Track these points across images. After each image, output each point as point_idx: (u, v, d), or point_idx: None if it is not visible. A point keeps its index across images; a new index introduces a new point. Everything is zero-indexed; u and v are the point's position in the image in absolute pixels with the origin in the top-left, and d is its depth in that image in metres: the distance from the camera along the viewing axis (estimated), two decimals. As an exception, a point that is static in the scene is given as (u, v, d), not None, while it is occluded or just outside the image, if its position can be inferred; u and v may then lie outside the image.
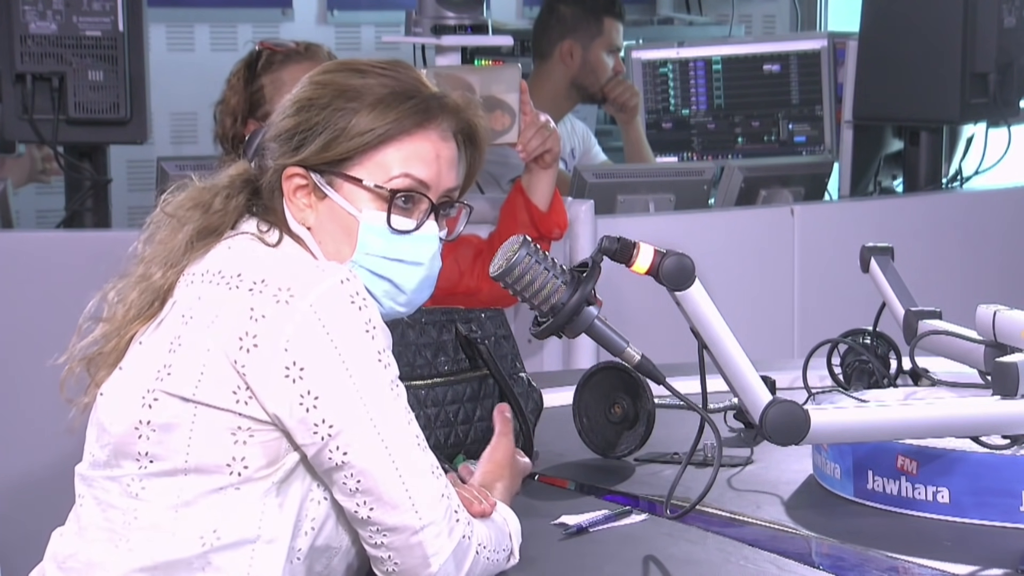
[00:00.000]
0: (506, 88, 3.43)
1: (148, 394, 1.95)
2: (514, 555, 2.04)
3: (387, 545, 1.93)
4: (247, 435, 1.92)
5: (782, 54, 4.96)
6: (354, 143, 2.02)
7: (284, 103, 2.08)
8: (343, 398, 1.90)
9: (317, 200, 2.04)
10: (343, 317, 1.90)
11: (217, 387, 1.91)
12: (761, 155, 4.91)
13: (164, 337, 1.97)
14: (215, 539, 1.92)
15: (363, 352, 1.91)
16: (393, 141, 2.03)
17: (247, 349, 1.90)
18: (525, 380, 2.55)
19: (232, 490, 1.93)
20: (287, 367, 1.89)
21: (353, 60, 2.12)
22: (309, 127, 2.03)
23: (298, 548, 1.96)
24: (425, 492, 1.92)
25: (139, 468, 1.95)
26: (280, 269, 1.95)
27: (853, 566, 2.04)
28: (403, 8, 4.20)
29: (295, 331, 1.89)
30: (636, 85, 4.94)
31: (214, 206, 2.04)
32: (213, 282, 1.96)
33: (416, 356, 2.43)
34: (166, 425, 1.93)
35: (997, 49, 4.53)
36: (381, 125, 2.02)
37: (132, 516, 1.96)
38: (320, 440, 1.90)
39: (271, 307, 1.90)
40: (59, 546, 2.03)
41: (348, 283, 1.92)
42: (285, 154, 2.04)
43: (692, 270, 2.06)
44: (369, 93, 2.03)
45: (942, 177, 4.77)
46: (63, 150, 4.02)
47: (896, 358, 2.75)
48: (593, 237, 3.79)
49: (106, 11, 3.92)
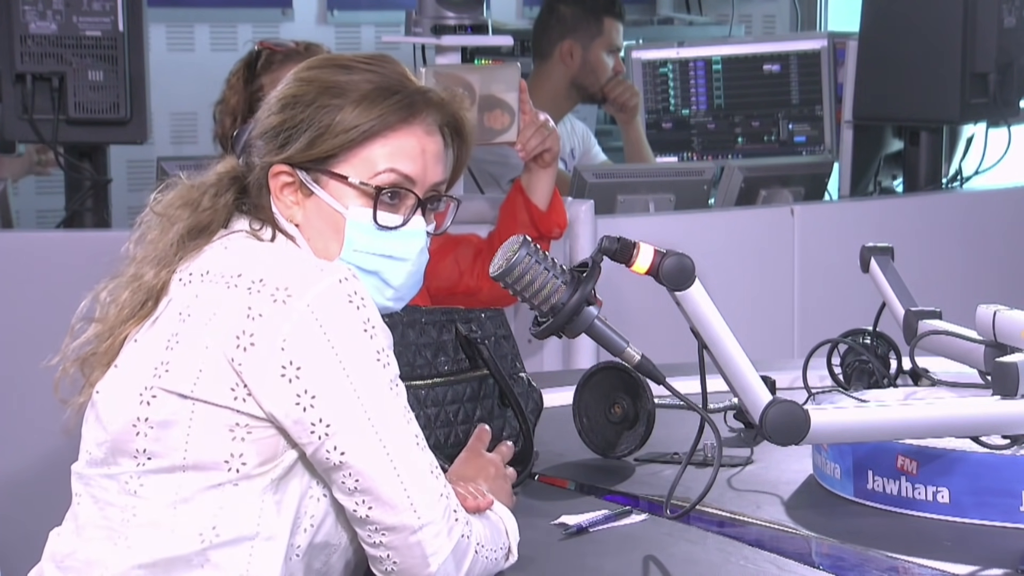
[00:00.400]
0: (505, 87, 3.43)
1: (146, 391, 1.94)
2: (512, 553, 2.03)
3: (386, 544, 1.93)
4: (245, 432, 1.92)
5: (782, 54, 4.96)
6: (339, 140, 2.02)
7: (270, 100, 2.08)
8: (340, 398, 1.90)
9: (304, 197, 2.04)
10: (340, 317, 1.90)
11: (215, 384, 1.91)
12: (761, 155, 4.90)
13: (161, 335, 1.96)
14: (214, 536, 1.92)
15: (361, 351, 1.90)
16: (378, 137, 2.03)
17: (244, 348, 1.90)
18: (525, 380, 2.55)
19: (230, 486, 1.93)
20: (284, 366, 1.89)
21: (338, 56, 2.12)
22: (294, 124, 2.03)
23: (297, 545, 1.96)
24: (424, 492, 1.91)
25: (137, 465, 1.95)
26: (278, 268, 1.94)
27: (853, 566, 2.04)
28: (403, 8, 4.20)
29: (292, 330, 1.89)
30: (636, 85, 4.94)
31: (202, 204, 2.04)
32: (211, 281, 1.96)
33: (416, 356, 2.43)
34: (164, 422, 1.93)
35: (997, 49, 4.53)
36: (366, 121, 2.02)
37: (131, 513, 1.95)
38: (317, 439, 1.90)
39: (268, 306, 1.90)
40: (57, 545, 2.03)
41: (347, 282, 1.92)
42: (271, 152, 2.04)
43: (692, 270, 2.06)
44: (354, 89, 2.03)
45: (942, 177, 4.77)
46: (63, 150, 4.02)
47: (896, 358, 2.75)
48: (593, 237, 3.79)
49: (106, 11, 3.92)
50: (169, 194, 2.07)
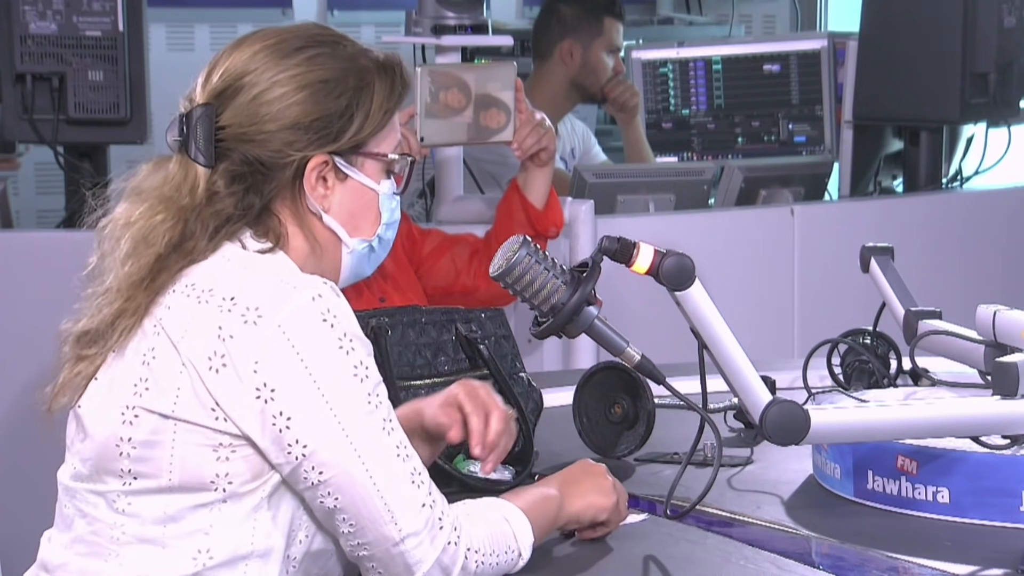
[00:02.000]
0: (501, 86, 3.43)
1: (128, 410, 1.91)
2: (523, 556, 2.00)
3: (368, 556, 1.91)
4: (229, 451, 1.89)
5: (782, 54, 4.96)
6: (380, 119, 2.01)
7: (285, 89, 1.97)
8: (316, 418, 1.87)
9: (338, 182, 2.01)
10: (313, 336, 1.87)
11: (194, 404, 1.88)
12: (761, 155, 4.90)
13: (138, 348, 1.93)
14: (208, 559, 1.90)
15: (336, 370, 1.87)
16: (396, 109, 2.04)
17: (216, 369, 1.87)
18: (525, 380, 2.55)
19: (219, 504, 1.91)
20: (258, 388, 1.86)
21: (320, 32, 2.04)
22: (340, 111, 1.98)
23: (293, 557, 1.95)
24: (404, 504, 1.89)
25: (123, 484, 1.93)
26: (250, 286, 1.90)
27: (853, 566, 2.04)
28: (403, 8, 4.21)
29: (263, 352, 1.86)
30: (636, 85, 4.93)
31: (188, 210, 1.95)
32: (183, 292, 1.92)
33: (416, 356, 2.43)
34: (147, 442, 1.91)
35: (997, 49, 4.53)
36: (391, 96, 2.02)
37: (120, 531, 1.93)
38: (295, 460, 1.88)
39: (239, 327, 1.87)
40: (48, 554, 2.01)
41: (320, 300, 1.88)
42: (315, 142, 1.97)
43: (692, 270, 2.06)
44: (371, 64, 2.02)
45: (942, 177, 4.77)
46: (63, 150, 4.02)
47: (896, 358, 2.75)
48: (593, 237, 3.79)
49: (106, 11, 3.92)
50: (120, 210, 1.99)
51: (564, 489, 2.09)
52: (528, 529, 2.01)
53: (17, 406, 3.56)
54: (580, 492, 2.10)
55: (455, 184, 4.07)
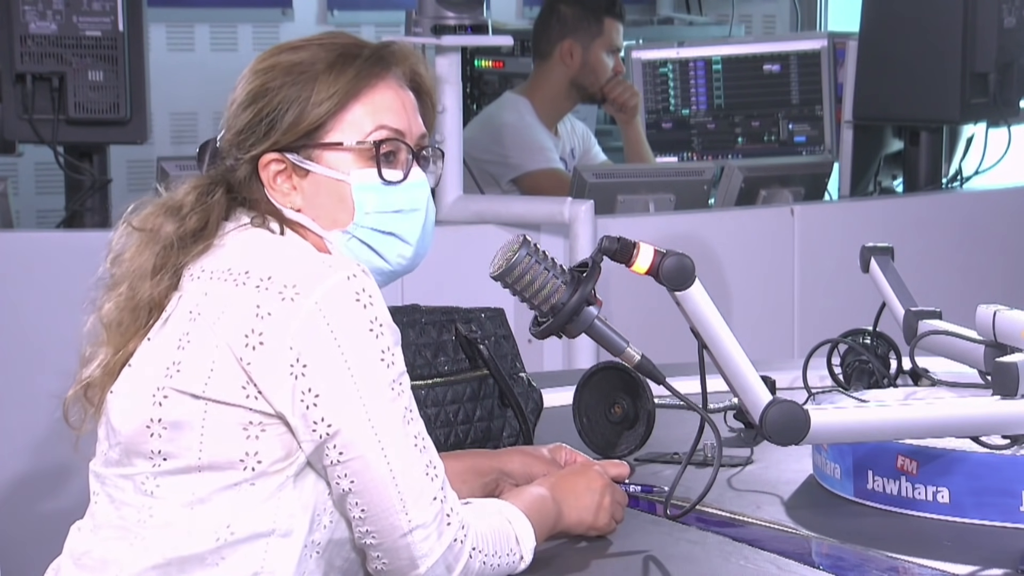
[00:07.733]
0: None
1: (158, 392, 1.94)
2: (524, 559, 2.01)
3: (375, 545, 1.92)
4: (259, 430, 1.92)
5: (782, 54, 4.96)
6: (323, 109, 2.01)
7: (234, 102, 2.04)
8: (343, 398, 1.89)
9: (300, 179, 2.03)
10: (347, 315, 1.90)
11: (226, 383, 1.91)
12: (761, 155, 4.91)
13: (172, 334, 1.96)
14: (229, 534, 1.92)
15: (366, 351, 1.90)
16: (358, 98, 2.02)
17: (253, 347, 1.90)
18: (525, 380, 2.55)
19: (247, 485, 1.93)
20: (291, 364, 1.89)
21: (285, 42, 2.09)
22: (271, 110, 2.01)
23: (316, 542, 1.95)
24: (417, 495, 1.91)
25: (153, 466, 1.95)
26: (286, 265, 1.94)
27: (853, 566, 2.04)
28: (403, 8, 4.21)
29: (300, 328, 1.89)
30: (636, 85, 4.94)
31: (185, 206, 2.00)
32: (220, 278, 1.95)
33: (416, 356, 2.43)
34: (177, 423, 1.93)
35: (997, 49, 4.53)
36: (343, 84, 2.01)
37: (147, 514, 1.95)
38: (319, 438, 1.90)
39: (277, 304, 1.90)
40: (76, 542, 2.03)
41: (355, 279, 1.91)
42: (254, 143, 2.02)
43: (692, 270, 2.06)
44: (318, 60, 2.02)
45: (942, 177, 4.78)
46: (63, 150, 4.03)
47: (896, 358, 2.75)
48: (593, 237, 3.79)
49: (106, 11, 3.93)
50: (143, 211, 2.03)
51: (561, 497, 2.11)
52: (531, 533, 2.02)
53: (18, 405, 3.55)
54: (576, 507, 2.11)
55: (455, 184, 4.07)
